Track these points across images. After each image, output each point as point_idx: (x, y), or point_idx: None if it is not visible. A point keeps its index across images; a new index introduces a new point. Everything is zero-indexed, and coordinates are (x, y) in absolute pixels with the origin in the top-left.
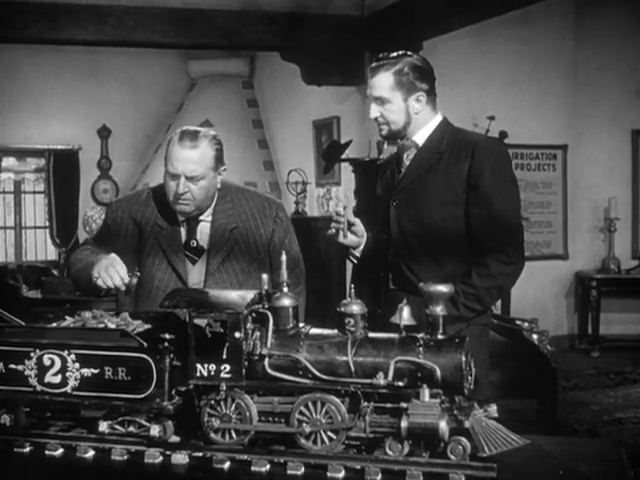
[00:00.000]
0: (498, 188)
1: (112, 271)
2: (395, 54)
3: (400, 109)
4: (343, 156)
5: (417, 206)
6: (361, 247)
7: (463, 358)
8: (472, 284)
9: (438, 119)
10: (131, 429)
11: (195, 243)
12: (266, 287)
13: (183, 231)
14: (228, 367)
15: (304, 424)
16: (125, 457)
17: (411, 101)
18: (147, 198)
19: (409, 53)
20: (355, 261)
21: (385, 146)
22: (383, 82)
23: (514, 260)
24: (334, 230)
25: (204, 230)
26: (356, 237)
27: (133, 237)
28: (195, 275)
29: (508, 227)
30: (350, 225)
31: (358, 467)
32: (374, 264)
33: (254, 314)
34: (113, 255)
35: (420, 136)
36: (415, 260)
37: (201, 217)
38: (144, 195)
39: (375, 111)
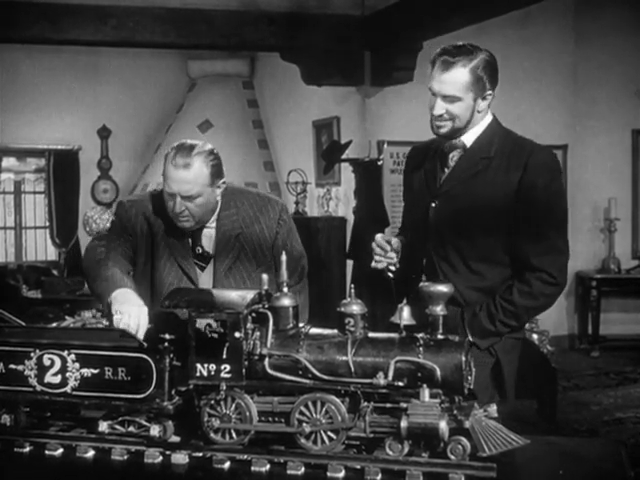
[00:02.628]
0: (550, 205)
1: (134, 323)
2: (469, 47)
3: (468, 107)
4: (343, 156)
5: (461, 213)
6: (397, 262)
7: (463, 358)
8: (512, 301)
9: (489, 119)
10: (131, 429)
11: (200, 250)
12: (266, 287)
13: (189, 239)
14: (228, 367)
15: (304, 424)
16: (125, 457)
17: (480, 100)
18: (158, 201)
19: (481, 47)
20: (393, 276)
21: (385, 146)
22: (459, 79)
23: (558, 282)
24: (384, 263)
25: (209, 236)
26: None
27: (148, 237)
28: (204, 282)
29: (556, 246)
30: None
31: (358, 467)
32: (407, 269)
33: (254, 314)
34: (140, 305)
35: (469, 136)
36: (453, 269)
37: (206, 224)
38: (155, 198)
39: (441, 108)
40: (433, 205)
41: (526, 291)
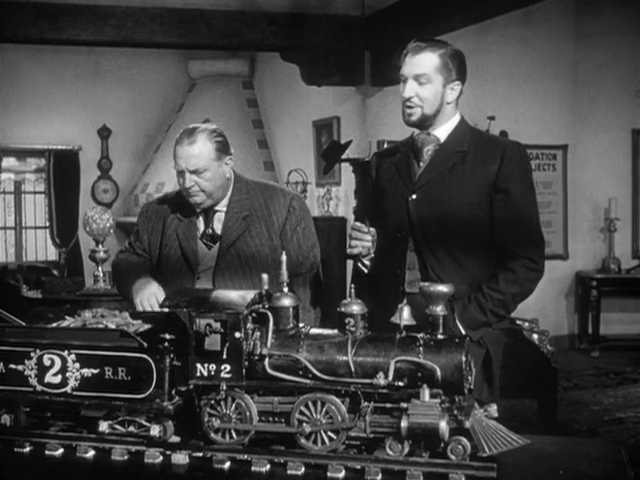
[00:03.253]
0: (526, 194)
1: (153, 301)
2: (439, 40)
3: (437, 93)
4: (343, 156)
5: (442, 205)
6: (372, 253)
7: (463, 358)
8: (499, 290)
9: (458, 117)
10: (131, 429)
11: (211, 230)
12: (266, 287)
13: (202, 221)
14: (228, 367)
15: (304, 424)
16: (125, 457)
17: (448, 88)
18: (173, 198)
19: (450, 44)
20: (366, 270)
21: (385, 146)
22: (428, 61)
23: (539, 267)
24: (360, 249)
25: (220, 219)
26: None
27: (161, 231)
28: (207, 260)
29: (535, 233)
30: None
31: (358, 467)
32: (388, 265)
33: (254, 314)
34: (156, 286)
35: (442, 131)
36: (437, 261)
37: (218, 207)
38: (170, 196)
39: (411, 90)
40: (412, 198)
41: (511, 279)
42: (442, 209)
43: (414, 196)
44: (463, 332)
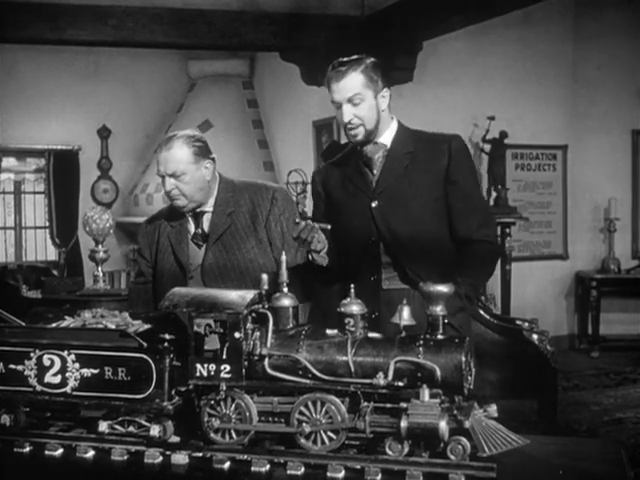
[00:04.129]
0: (473, 182)
1: None
2: (354, 57)
3: (372, 107)
4: None
5: (404, 206)
6: (324, 251)
7: (463, 358)
8: (470, 274)
9: (396, 121)
10: (131, 429)
11: (200, 231)
12: (266, 287)
13: (192, 224)
14: (228, 367)
15: (304, 424)
16: (125, 457)
17: (379, 98)
18: (165, 210)
19: (366, 55)
20: (324, 264)
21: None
22: (354, 81)
23: (497, 246)
24: (314, 235)
25: (208, 218)
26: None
27: (154, 244)
28: (199, 258)
29: (487, 216)
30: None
31: (358, 467)
32: (362, 269)
33: (254, 314)
34: None
35: (386, 138)
36: (411, 259)
37: (205, 208)
38: (164, 210)
39: (349, 114)
40: (374, 205)
41: (478, 262)
42: (405, 209)
43: (375, 203)
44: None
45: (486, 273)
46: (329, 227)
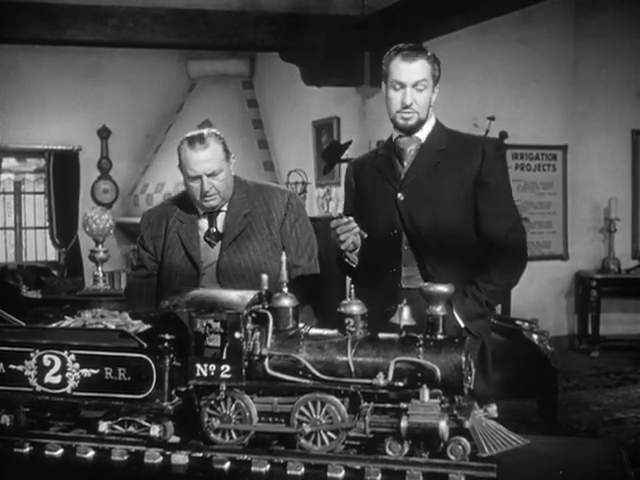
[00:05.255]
0: (506, 188)
1: None
2: (419, 45)
3: (429, 97)
4: (343, 156)
5: (430, 202)
6: (356, 252)
7: (463, 358)
8: (492, 281)
9: (434, 119)
10: (131, 429)
11: (214, 229)
12: (266, 287)
13: (204, 222)
14: (228, 367)
15: (304, 424)
16: (125, 457)
17: (434, 91)
18: (173, 202)
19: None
20: (355, 264)
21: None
22: (423, 67)
23: (525, 257)
24: (351, 238)
25: (222, 218)
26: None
27: (164, 235)
28: (211, 256)
29: (517, 223)
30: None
31: (358, 467)
32: (382, 262)
33: (254, 314)
34: None
35: (422, 132)
36: (431, 255)
37: (221, 207)
38: (169, 202)
39: (411, 97)
40: (400, 197)
41: (501, 269)
42: (431, 205)
43: (401, 195)
44: (462, 325)
45: (510, 281)
46: (365, 236)
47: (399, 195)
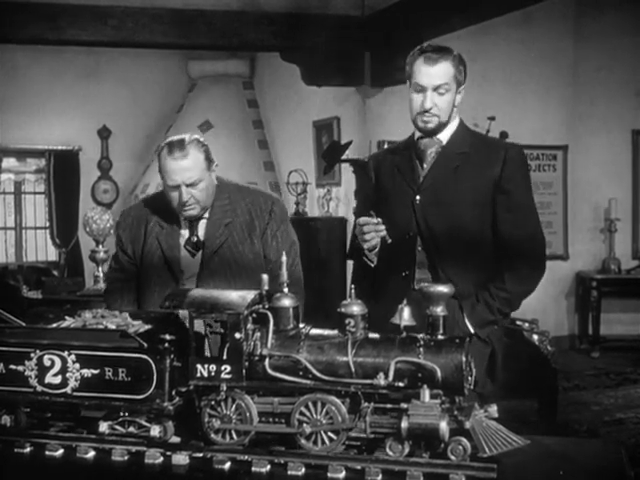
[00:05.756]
0: (527, 195)
1: None
2: (444, 47)
3: (451, 101)
4: (343, 157)
5: (447, 205)
6: (375, 251)
7: (463, 358)
8: (505, 289)
9: (458, 120)
10: (131, 430)
11: (195, 238)
12: (266, 287)
13: (185, 229)
14: (228, 368)
15: (304, 424)
16: (125, 458)
17: (458, 93)
18: (151, 203)
19: (448, 47)
20: (373, 264)
21: (385, 146)
22: (446, 71)
23: (542, 265)
24: (377, 239)
25: (203, 225)
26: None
27: (142, 239)
28: (191, 267)
29: (536, 231)
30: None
31: (358, 467)
32: (395, 263)
33: (254, 314)
34: None
35: (444, 134)
36: (445, 259)
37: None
38: (149, 201)
39: (432, 101)
40: (418, 199)
41: (517, 277)
42: (448, 209)
43: (419, 197)
44: (472, 330)
45: (524, 290)
46: (389, 241)
47: (417, 198)
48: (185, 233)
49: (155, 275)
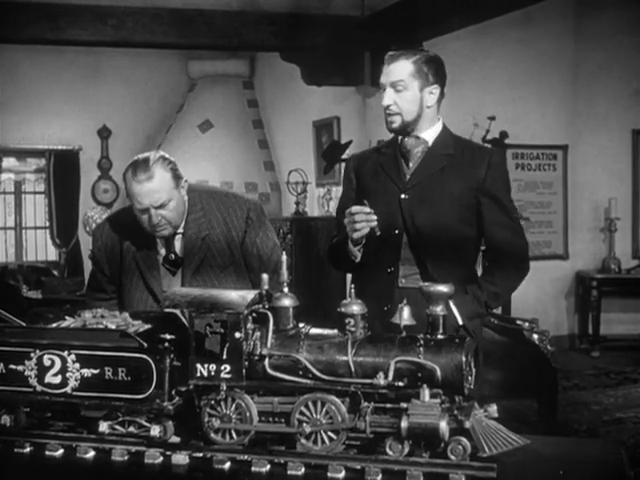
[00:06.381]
0: (509, 198)
1: None
2: (413, 48)
3: (415, 98)
4: (343, 156)
5: (433, 204)
6: (361, 245)
7: (463, 358)
8: (495, 283)
9: (441, 123)
10: (131, 429)
11: (173, 256)
12: (266, 287)
13: (161, 247)
14: (228, 367)
15: (304, 424)
16: (125, 457)
17: (426, 93)
18: (124, 220)
19: (426, 50)
20: (357, 259)
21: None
22: (401, 68)
23: (527, 266)
24: (367, 229)
25: (180, 240)
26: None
27: (118, 257)
28: (173, 285)
29: (520, 229)
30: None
31: (358, 467)
32: (381, 260)
33: (254, 314)
34: None
35: (428, 135)
36: (430, 255)
37: (176, 230)
38: (121, 216)
39: (389, 98)
40: (404, 197)
41: (506, 274)
42: (434, 207)
43: (405, 195)
44: (460, 322)
45: (511, 285)
46: (379, 233)
47: (403, 195)
48: (162, 251)
49: (136, 297)
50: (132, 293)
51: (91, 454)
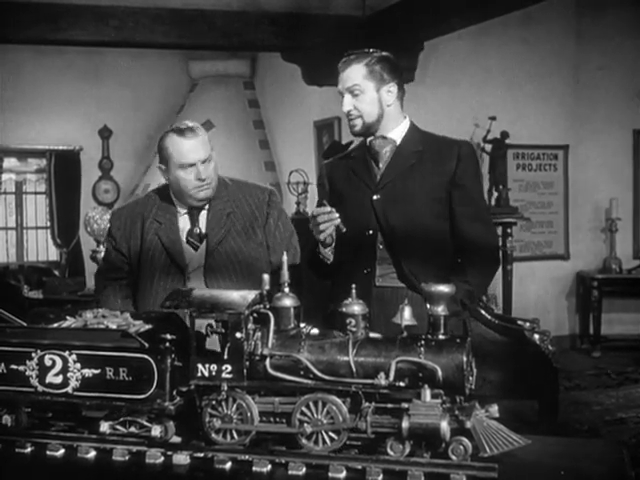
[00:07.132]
0: (480, 190)
1: None
2: (364, 50)
3: (373, 100)
4: None
5: (405, 203)
6: (331, 247)
7: (464, 358)
8: (468, 281)
9: (408, 121)
10: (132, 429)
11: (198, 230)
12: (267, 287)
13: (185, 221)
14: (229, 367)
15: (305, 424)
16: (126, 457)
17: (383, 92)
18: (146, 200)
19: (377, 50)
20: (329, 260)
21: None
22: (355, 73)
23: (497, 258)
24: (332, 227)
25: (204, 216)
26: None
27: (139, 237)
28: (196, 260)
29: (490, 224)
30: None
31: (359, 467)
32: (357, 261)
33: (255, 314)
34: None
35: (396, 134)
36: (407, 256)
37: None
38: (142, 199)
39: (348, 104)
40: (376, 198)
41: (477, 270)
42: (406, 206)
43: (377, 196)
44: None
45: (484, 282)
46: (344, 230)
47: (375, 196)
48: (185, 226)
49: (159, 271)
50: (154, 266)
51: (92, 454)
